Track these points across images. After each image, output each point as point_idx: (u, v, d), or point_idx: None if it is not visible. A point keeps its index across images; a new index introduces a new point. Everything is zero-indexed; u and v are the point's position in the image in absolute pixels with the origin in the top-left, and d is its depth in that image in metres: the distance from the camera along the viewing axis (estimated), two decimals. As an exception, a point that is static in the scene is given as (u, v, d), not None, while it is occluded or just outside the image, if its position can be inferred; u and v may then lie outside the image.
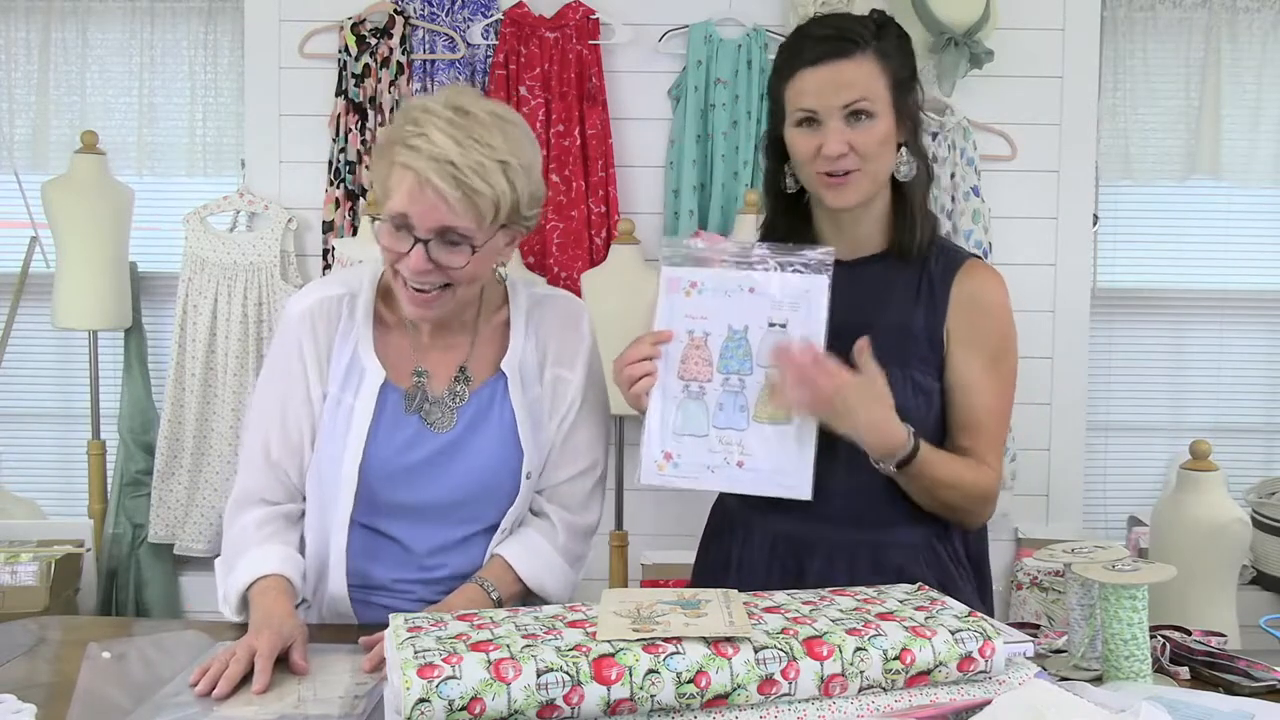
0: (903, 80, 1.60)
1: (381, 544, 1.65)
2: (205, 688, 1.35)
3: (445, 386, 1.66)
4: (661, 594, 1.28)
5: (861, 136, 1.56)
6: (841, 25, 1.60)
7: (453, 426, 1.65)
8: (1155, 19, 3.40)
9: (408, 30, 3.27)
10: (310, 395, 1.65)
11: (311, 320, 1.66)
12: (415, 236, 1.51)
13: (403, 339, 1.68)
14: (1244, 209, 3.52)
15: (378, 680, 1.38)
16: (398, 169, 1.51)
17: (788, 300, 1.53)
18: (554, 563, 1.69)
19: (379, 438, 1.62)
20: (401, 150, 1.50)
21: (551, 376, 1.70)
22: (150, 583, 3.36)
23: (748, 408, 1.53)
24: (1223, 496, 2.89)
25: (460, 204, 1.49)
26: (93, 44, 3.42)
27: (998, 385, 1.64)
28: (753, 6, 3.28)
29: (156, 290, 3.48)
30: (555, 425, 1.70)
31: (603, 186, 3.25)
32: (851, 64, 1.56)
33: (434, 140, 1.48)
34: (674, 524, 3.19)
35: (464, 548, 1.67)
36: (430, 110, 1.52)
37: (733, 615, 1.21)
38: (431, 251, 1.52)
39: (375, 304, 1.68)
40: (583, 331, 1.74)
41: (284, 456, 1.65)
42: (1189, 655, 1.48)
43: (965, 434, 1.64)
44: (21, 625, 1.62)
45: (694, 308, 1.55)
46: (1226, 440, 3.42)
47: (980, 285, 1.65)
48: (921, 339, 1.62)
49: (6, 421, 3.55)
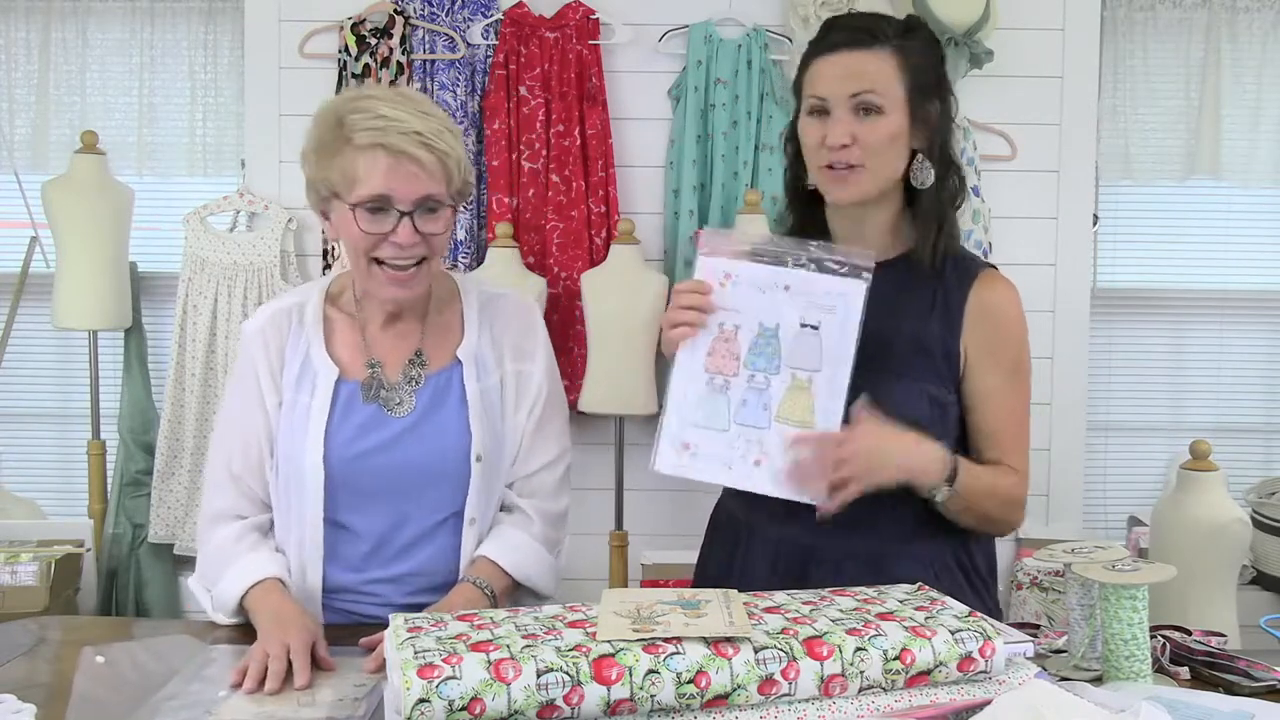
0: (923, 84, 1.58)
1: (346, 539, 1.67)
2: (252, 685, 1.38)
3: (400, 372, 1.70)
4: (661, 594, 1.28)
5: (866, 130, 1.55)
6: (867, 19, 1.63)
7: (411, 410, 1.68)
8: (1155, 19, 3.40)
9: (408, 30, 3.27)
10: (265, 406, 1.69)
11: (263, 335, 1.71)
12: (399, 211, 1.56)
13: (354, 335, 1.71)
14: (1244, 209, 3.51)
15: (377, 681, 1.38)
16: (365, 153, 1.54)
17: (823, 302, 1.50)
18: (534, 551, 1.73)
19: (337, 429, 1.66)
20: (361, 134, 1.54)
21: (514, 371, 1.75)
22: (150, 583, 3.36)
23: (771, 407, 1.51)
24: (1223, 496, 2.89)
25: (435, 169, 1.56)
26: (93, 44, 3.42)
27: (1017, 394, 1.65)
28: (753, 6, 3.28)
29: (156, 290, 3.48)
30: (524, 417, 1.75)
31: (603, 186, 3.25)
32: (866, 55, 1.56)
33: (392, 116, 1.53)
34: (674, 524, 3.19)
35: (431, 540, 1.69)
36: (371, 95, 1.59)
37: (733, 615, 1.21)
38: (416, 222, 1.57)
39: (324, 308, 1.72)
40: (538, 328, 1.80)
41: (245, 471, 1.69)
42: (1189, 655, 1.48)
43: (989, 444, 1.64)
44: (21, 625, 1.62)
45: (727, 299, 1.52)
46: (1226, 440, 3.42)
47: (996, 298, 1.64)
48: (936, 352, 1.61)
49: (6, 421, 3.55)
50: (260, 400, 1.69)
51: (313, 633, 1.48)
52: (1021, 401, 1.66)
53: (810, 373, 1.50)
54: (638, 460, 3.17)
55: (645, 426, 3.21)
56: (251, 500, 1.70)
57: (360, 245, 1.60)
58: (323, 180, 1.61)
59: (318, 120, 1.62)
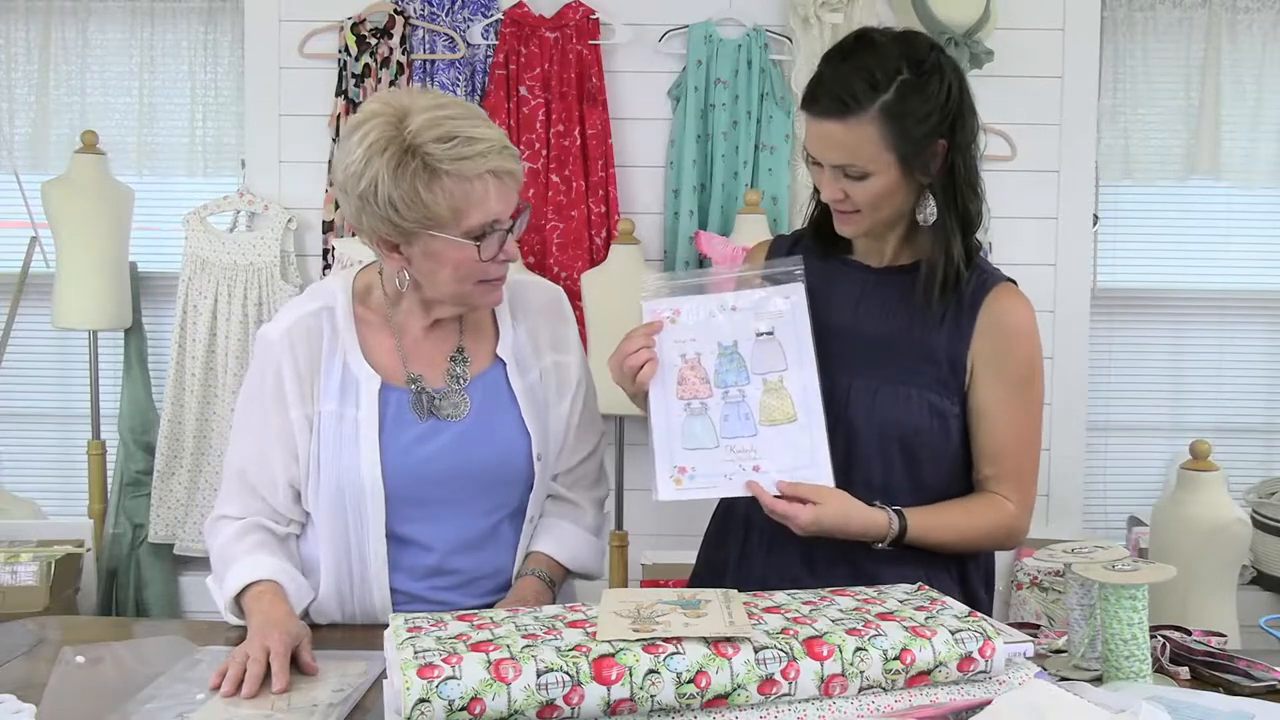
0: (918, 135, 1.51)
1: (409, 551, 1.63)
2: (230, 689, 1.36)
3: (443, 376, 1.66)
4: (662, 594, 1.28)
5: (857, 190, 1.55)
6: (848, 82, 1.50)
7: (467, 411, 1.65)
8: (1155, 19, 3.40)
9: (408, 30, 3.27)
10: (290, 418, 1.61)
11: (290, 342, 1.62)
12: (503, 229, 1.54)
13: (388, 338, 1.66)
14: (1244, 209, 3.51)
15: (353, 688, 1.37)
16: (475, 182, 1.48)
17: (770, 309, 1.57)
18: (584, 540, 1.75)
19: (391, 441, 1.61)
20: (463, 164, 1.47)
21: (552, 362, 1.73)
22: (150, 583, 3.36)
23: (753, 415, 1.54)
24: (1223, 496, 2.89)
25: (521, 176, 1.57)
26: (93, 44, 3.42)
27: (1022, 414, 1.63)
28: (753, 6, 3.28)
29: (156, 290, 3.48)
30: (566, 408, 1.73)
31: (603, 186, 3.25)
32: (843, 128, 1.50)
33: (480, 134, 1.49)
34: (674, 524, 3.18)
35: (490, 542, 1.66)
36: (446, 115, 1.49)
37: (733, 615, 1.21)
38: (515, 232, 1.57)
39: (354, 309, 1.66)
40: (568, 316, 1.80)
41: (260, 482, 1.63)
42: (1189, 655, 1.48)
43: (987, 463, 1.63)
44: (21, 625, 1.62)
45: (681, 332, 1.57)
46: (1226, 440, 3.42)
47: (1008, 311, 1.62)
48: (942, 361, 1.61)
49: (6, 421, 3.55)
50: (284, 411, 1.61)
51: (296, 637, 1.45)
52: (1029, 421, 1.63)
53: (779, 373, 1.55)
54: (637, 460, 3.17)
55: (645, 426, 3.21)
56: (263, 509, 1.64)
57: (474, 273, 1.55)
58: (412, 219, 1.50)
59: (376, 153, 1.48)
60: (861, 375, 1.61)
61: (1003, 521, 1.62)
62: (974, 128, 1.59)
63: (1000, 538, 1.64)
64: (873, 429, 1.59)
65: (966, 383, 1.62)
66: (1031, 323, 1.64)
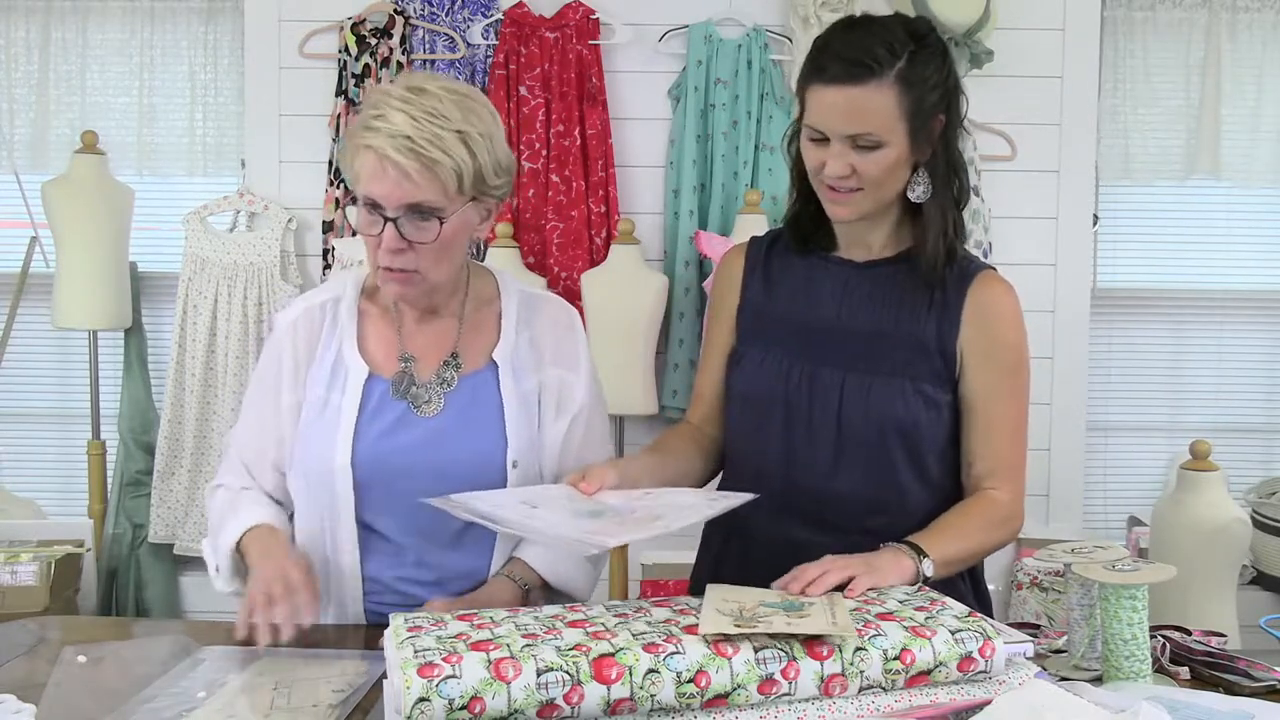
0: (927, 106, 1.53)
1: (378, 542, 1.66)
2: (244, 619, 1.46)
3: (433, 371, 1.67)
4: (765, 595, 1.31)
5: (866, 163, 1.53)
6: (867, 43, 1.50)
7: (440, 410, 1.65)
8: (1155, 19, 3.40)
9: (408, 30, 3.27)
10: (281, 404, 1.67)
11: (295, 330, 1.69)
12: (384, 216, 1.54)
13: (388, 330, 1.69)
14: (1244, 209, 3.52)
15: (354, 688, 1.37)
16: (361, 152, 1.54)
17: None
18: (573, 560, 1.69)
19: (365, 428, 1.64)
20: (363, 133, 1.54)
21: (555, 377, 1.71)
22: (150, 583, 3.36)
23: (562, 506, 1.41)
24: (1223, 496, 2.89)
25: (421, 176, 1.52)
26: (93, 44, 3.42)
27: (1011, 402, 1.62)
28: (753, 6, 3.28)
29: (156, 290, 3.48)
30: (565, 426, 1.71)
31: (603, 186, 3.25)
32: (865, 91, 1.49)
33: (391, 120, 1.52)
34: (674, 524, 3.19)
35: (462, 542, 1.66)
36: (388, 93, 1.56)
37: (835, 616, 1.22)
38: (402, 229, 1.54)
39: (359, 302, 1.71)
40: (579, 333, 1.77)
41: (253, 461, 1.70)
42: (1189, 655, 1.48)
43: (979, 455, 1.62)
44: (21, 625, 1.62)
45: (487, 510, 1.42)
46: (1226, 440, 3.42)
47: (994, 299, 1.62)
48: (933, 351, 1.60)
49: (6, 421, 3.55)
50: (277, 396, 1.67)
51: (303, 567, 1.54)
52: (1017, 409, 1.63)
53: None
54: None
55: (645, 427, 3.22)
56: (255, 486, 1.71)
57: (373, 251, 1.59)
58: (344, 166, 1.63)
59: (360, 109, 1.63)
60: (854, 371, 1.60)
61: (1003, 513, 1.61)
62: (963, 105, 1.61)
63: (1005, 536, 1.64)
64: (872, 425, 1.59)
65: (957, 373, 1.62)
66: (1016, 309, 1.64)
